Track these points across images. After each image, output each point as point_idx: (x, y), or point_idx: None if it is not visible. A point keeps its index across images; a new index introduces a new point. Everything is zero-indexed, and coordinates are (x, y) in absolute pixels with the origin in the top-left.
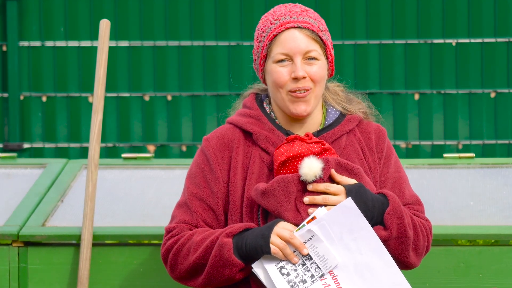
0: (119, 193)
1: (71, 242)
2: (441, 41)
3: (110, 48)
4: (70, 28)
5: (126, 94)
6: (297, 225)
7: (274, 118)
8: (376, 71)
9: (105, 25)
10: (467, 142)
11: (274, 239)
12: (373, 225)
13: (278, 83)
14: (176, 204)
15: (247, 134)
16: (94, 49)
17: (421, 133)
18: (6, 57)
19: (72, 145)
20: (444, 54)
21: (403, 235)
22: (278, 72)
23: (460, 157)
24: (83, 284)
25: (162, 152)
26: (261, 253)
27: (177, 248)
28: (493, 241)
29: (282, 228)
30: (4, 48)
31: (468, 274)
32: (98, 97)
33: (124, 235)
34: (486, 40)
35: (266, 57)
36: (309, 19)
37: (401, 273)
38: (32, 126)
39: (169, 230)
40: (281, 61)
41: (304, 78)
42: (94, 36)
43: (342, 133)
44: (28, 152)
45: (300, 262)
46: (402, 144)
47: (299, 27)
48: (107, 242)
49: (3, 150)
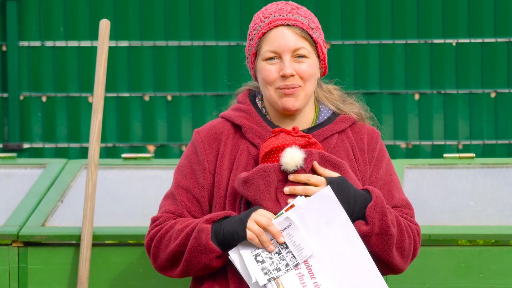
0: (119, 193)
1: (71, 242)
2: (441, 41)
3: (110, 48)
4: (70, 28)
5: (126, 94)
6: (276, 214)
7: (265, 113)
8: (376, 71)
9: (105, 25)
10: (467, 142)
11: (251, 225)
12: (354, 219)
13: (266, 80)
14: (164, 196)
15: (237, 127)
16: (94, 49)
17: (421, 133)
18: (5, 57)
19: (72, 145)
20: (444, 54)
21: (385, 231)
22: (267, 70)
23: (460, 157)
24: (83, 284)
25: (162, 152)
26: (237, 238)
27: (159, 237)
28: (493, 241)
29: (260, 215)
30: (4, 48)
31: (468, 274)
32: (98, 97)
33: (124, 235)
34: (487, 40)
35: (256, 55)
36: (299, 17)
37: (375, 264)
38: (32, 126)
39: (154, 220)
40: (270, 58)
41: (292, 76)
42: (94, 36)
43: (333, 132)
44: (28, 152)
45: (276, 250)
46: (402, 144)
47: (288, 25)
48: (107, 242)
49: (3, 150)
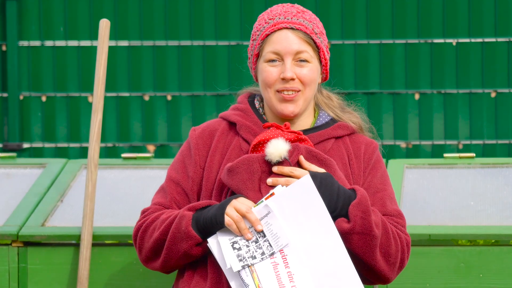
0: (118, 193)
1: (71, 242)
2: (441, 40)
3: (110, 47)
4: (70, 28)
5: (126, 94)
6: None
7: (262, 113)
8: (377, 71)
9: (104, 25)
10: (468, 142)
11: (230, 211)
12: (337, 216)
13: (266, 82)
14: (157, 190)
15: (232, 125)
16: (93, 49)
17: (422, 133)
18: (5, 57)
19: (72, 145)
20: (444, 53)
21: (367, 231)
22: (267, 72)
23: (460, 157)
24: (83, 284)
25: (162, 152)
26: (215, 224)
27: (145, 227)
28: (493, 241)
29: (240, 202)
30: (4, 48)
31: (468, 274)
32: (97, 97)
33: (123, 235)
34: (487, 39)
35: (258, 56)
36: (304, 21)
37: (348, 256)
38: (31, 126)
39: (143, 211)
40: (272, 60)
41: (292, 79)
42: (94, 35)
43: (329, 137)
44: (28, 152)
45: (254, 239)
46: (403, 144)
47: (292, 28)
48: (107, 242)
49: (3, 150)
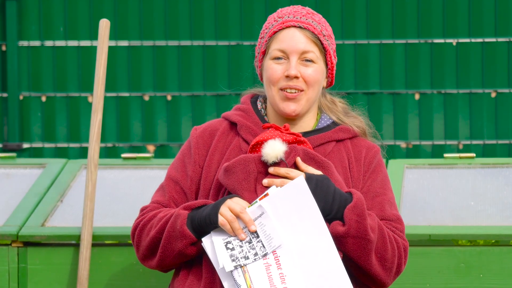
0: (118, 193)
1: (71, 242)
2: (441, 40)
3: (110, 47)
4: (70, 28)
5: (126, 94)
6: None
7: (264, 114)
8: (377, 71)
9: (104, 25)
10: (468, 142)
11: (224, 210)
12: (332, 219)
13: (271, 79)
14: (156, 189)
15: (234, 125)
16: (93, 49)
17: (422, 133)
18: (5, 57)
19: (72, 145)
20: (444, 53)
21: (362, 235)
22: (272, 69)
23: (460, 157)
24: (83, 284)
25: (162, 152)
26: (209, 224)
27: (142, 225)
28: (493, 241)
29: (234, 203)
30: (4, 48)
31: (468, 275)
32: (97, 97)
33: (123, 235)
34: (487, 39)
35: (265, 53)
36: (313, 22)
37: (340, 258)
38: (31, 126)
39: (142, 209)
40: (278, 58)
41: (296, 77)
42: (94, 35)
43: (330, 140)
44: (28, 152)
45: (247, 239)
46: (403, 144)
47: (300, 27)
48: (107, 242)
49: (3, 150)
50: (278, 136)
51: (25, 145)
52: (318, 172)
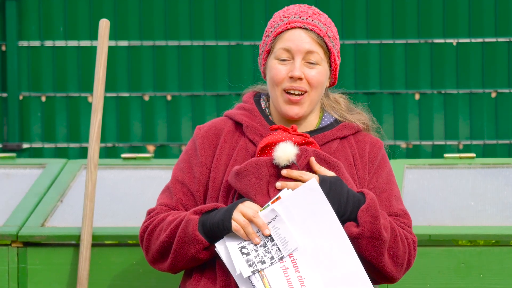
0: (118, 193)
1: (71, 243)
2: (441, 40)
3: (110, 47)
4: (70, 28)
5: (126, 94)
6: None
7: (268, 114)
8: (377, 71)
9: (104, 25)
10: (468, 142)
11: (237, 215)
12: (346, 220)
13: (275, 80)
14: (162, 190)
15: (239, 125)
16: (93, 49)
17: (422, 133)
18: (5, 57)
19: (72, 145)
20: (444, 54)
21: (376, 236)
22: (276, 69)
23: (460, 157)
24: (83, 284)
25: (161, 152)
26: (222, 229)
27: (151, 228)
28: (493, 241)
29: (247, 207)
30: (3, 48)
31: (468, 275)
32: (97, 97)
33: (123, 235)
34: (487, 39)
35: (269, 52)
36: (318, 23)
37: (359, 260)
38: (31, 126)
39: (148, 212)
40: (282, 59)
41: (300, 79)
42: (94, 35)
43: (334, 137)
44: (28, 152)
45: (262, 243)
46: (403, 144)
47: (305, 28)
48: (107, 242)
49: (3, 150)
50: (287, 138)
51: (25, 145)
52: (331, 173)
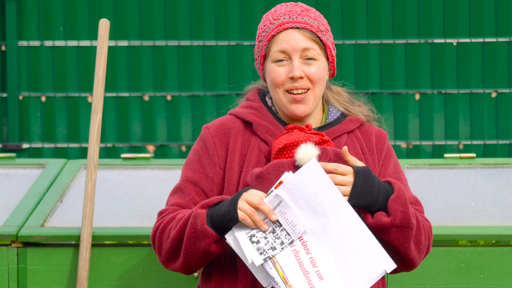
0: (118, 193)
1: (70, 243)
2: (442, 40)
3: (110, 47)
4: (69, 28)
5: (126, 94)
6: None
7: (275, 111)
8: (377, 71)
9: (104, 25)
10: (468, 142)
11: (242, 205)
12: (376, 210)
13: (275, 82)
14: (171, 190)
15: (247, 124)
16: (93, 49)
17: (422, 133)
18: (5, 57)
19: (71, 145)
20: (445, 53)
21: (406, 224)
22: (275, 72)
23: (461, 157)
24: (82, 284)
25: (161, 152)
26: (230, 220)
27: (162, 228)
28: (494, 241)
29: (251, 195)
30: (3, 48)
31: (469, 275)
32: (97, 97)
33: (123, 235)
34: (487, 39)
35: (265, 56)
36: (309, 19)
37: (370, 231)
38: (31, 126)
39: (160, 213)
40: (280, 60)
41: (301, 78)
42: (94, 35)
43: (343, 132)
44: (27, 152)
45: (270, 229)
46: (403, 144)
47: (297, 28)
48: (107, 242)
49: (2, 150)
50: (305, 138)
51: (25, 145)
52: (361, 164)
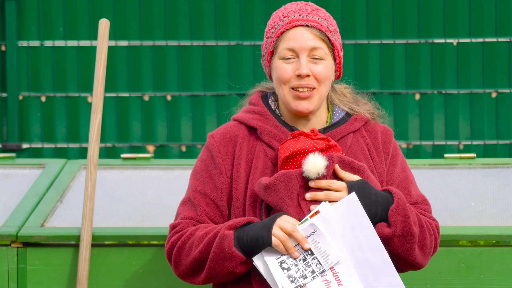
0: (118, 193)
1: (70, 243)
2: (442, 40)
3: (109, 47)
4: (69, 28)
5: (126, 94)
6: (299, 220)
7: (279, 114)
8: (377, 71)
9: (104, 25)
10: (468, 142)
11: (276, 231)
12: (377, 221)
13: (281, 79)
14: (181, 201)
15: (252, 130)
16: (93, 49)
17: (422, 133)
18: (4, 57)
19: (71, 145)
20: (445, 53)
21: (407, 233)
22: (282, 69)
23: (461, 157)
24: (82, 285)
25: (161, 152)
26: (262, 245)
27: (181, 244)
28: (494, 241)
29: (284, 221)
30: (3, 48)
31: (469, 275)
32: (97, 97)
33: (123, 235)
34: (488, 39)
35: (273, 53)
36: (319, 19)
37: (398, 275)
38: (31, 126)
39: (173, 226)
40: (287, 58)
41: (308, 76)
42: (93, 35)
43: (348, 132)
44: (27, 152)
45: (301, 257)
46: (403, 144)
47: (307, 26)
48: (106, 242)
49: (2, 150)
50: (311, 145)
51: (25, 145)
52: (356, 177)
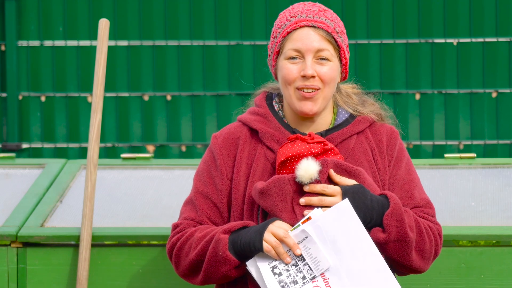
0: (118, 193)
1: (70, 243)
2: (442, 40)
3: (109, 47)
4: (69, 28)
5: (126, 94)
6: (293, 225)
7: (282, 116)
8: (377, 71)
9: (104, 25)
10: (469, 142)
11: (268, 236)
12: (372, 226)
13: (287, 79)
14: (184, 201)
15: (254, 132)
16: (93, 49)
17: (422, 133)
18: (4, 57)
19: (71, 145)
20: (445, 53)
21: (402, 238)
22: (288, 69)
23: (461, 157)
24: (82, 285)
25: (161, 152)
26: (254, 250)
27: (180, 245)
28: (494, 241)
29: (277, 227)
30: (3, 48)
31: (469, 275)
32: (97, 97)
33: (123, 235)
34: (488, 39)
35: (279, 53)
36: (325, 20)
37: (395, 278)
38: (30, 126)
39: (175, 226)
40: (293, 58)
41: (313, 77)
42: (93, 35)
43: (352, 134)
44: (27, 152)
45: (293, 262)
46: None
47: (313, 26)
48: (106, 242)
49: (2, 150)
50: (306, 149)
51: (24, 145)
52: (351, 182)
